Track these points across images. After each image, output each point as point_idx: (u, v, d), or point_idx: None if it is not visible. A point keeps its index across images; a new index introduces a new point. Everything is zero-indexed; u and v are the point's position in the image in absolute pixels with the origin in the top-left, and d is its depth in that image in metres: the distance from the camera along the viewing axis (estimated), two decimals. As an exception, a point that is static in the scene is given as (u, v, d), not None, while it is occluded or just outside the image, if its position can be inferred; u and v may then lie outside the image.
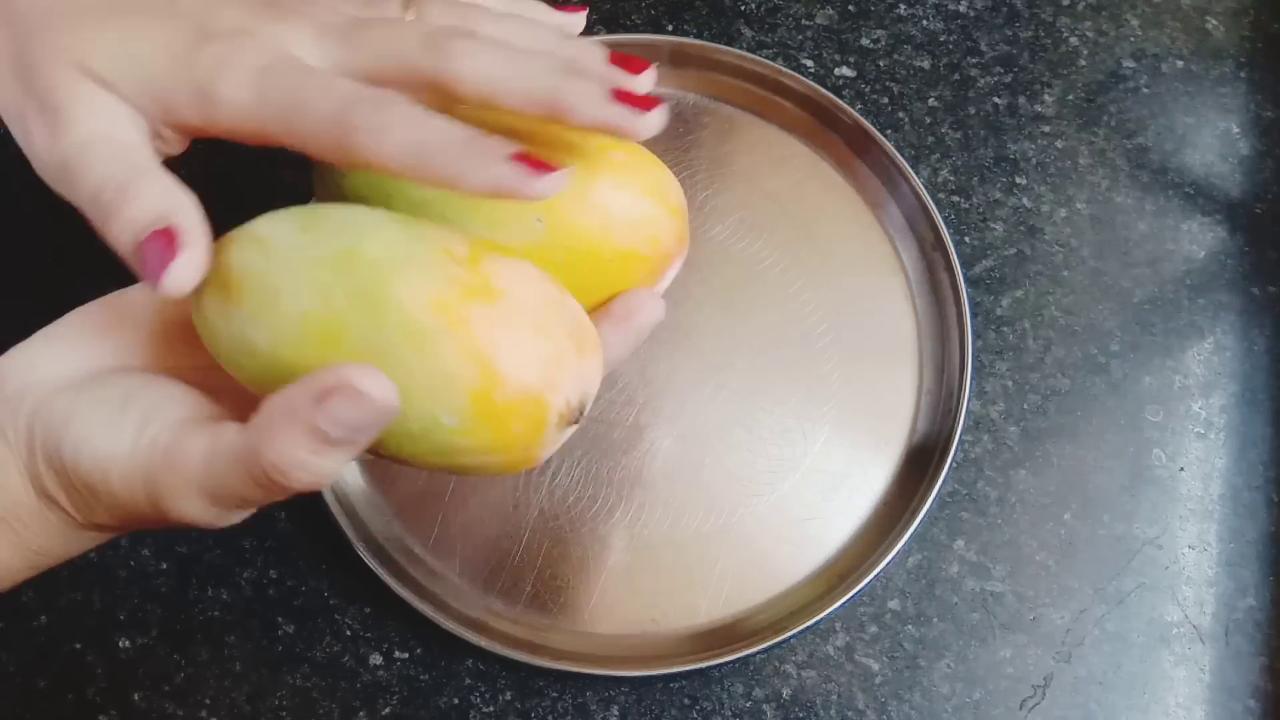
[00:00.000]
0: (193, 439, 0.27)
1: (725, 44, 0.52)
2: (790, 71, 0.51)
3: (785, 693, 0.42)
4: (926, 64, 0.54)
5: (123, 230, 0.29)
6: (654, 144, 0.52)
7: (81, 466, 0.28)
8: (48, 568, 0.31)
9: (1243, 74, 0.54)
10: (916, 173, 0.49)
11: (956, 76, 0.53)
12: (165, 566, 0.44)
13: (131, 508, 0.28)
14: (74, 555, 0.31)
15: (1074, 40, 0.54)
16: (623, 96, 0.29)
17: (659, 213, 0.32)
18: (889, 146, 0.49)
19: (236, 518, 0.29)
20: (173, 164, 0.32)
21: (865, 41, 0.54)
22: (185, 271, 0.28)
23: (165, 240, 0.28)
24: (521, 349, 0.27)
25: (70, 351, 0.31)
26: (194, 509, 0.27)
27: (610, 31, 0.54)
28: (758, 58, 0.51)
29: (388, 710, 0.42)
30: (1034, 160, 0.51)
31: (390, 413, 0.25)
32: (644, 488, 0.45)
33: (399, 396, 0.25)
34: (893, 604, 0.43)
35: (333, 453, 0.26)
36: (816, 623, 0.42)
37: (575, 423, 0.29)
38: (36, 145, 0.30)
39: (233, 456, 0.26)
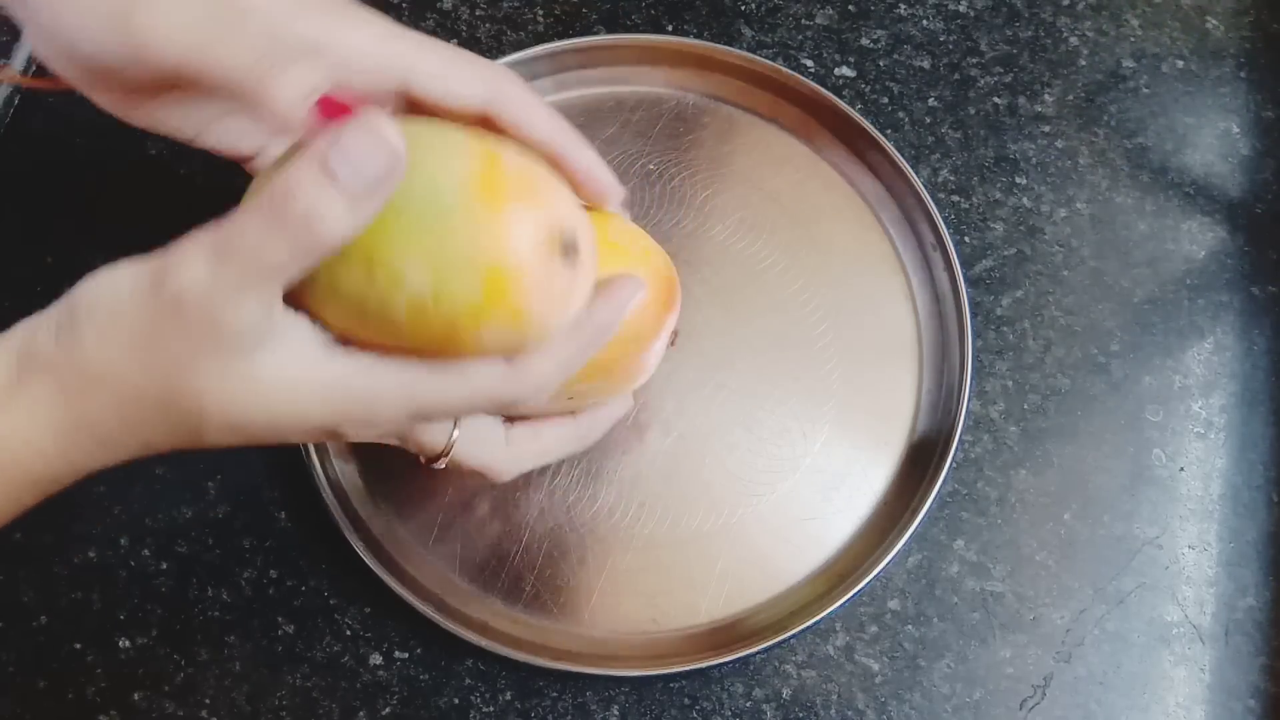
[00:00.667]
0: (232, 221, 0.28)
1: (725, 44, 0.52)
2: (790, 71, 0.51)
3: (785, 693, 0.42)
4: (926, 64, 0.54)
5: None
6: (655, 143, 0.52)
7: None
8: (41, 497, 0.30)
9: (1243, 74, 0.54)
10: (916, 173, 0.49)
11: (956, 76, 0.53)
12: (165, 566, 0.44)
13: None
14: (67, 480, 0.30)
15: (1074, 40, 0.54)
16: None
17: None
18: (889, 146, 0.49)
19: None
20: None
21: (865, 41, 0.54)
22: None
23: None
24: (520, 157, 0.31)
25: None
26: (231, 305, 0.28)
27: (610, 31, 0.54)
28: (758, 58, 0.51)
29: (388, 710, 0.42)
30: (1034, 160, 0.51)
31: (399, 160, 0.27)
32: (644, 488, 0.45)
33: (406, 149, 0.27)
34: (893, 604, 0.43)
35: (343, 199, 0.27)
36: (816, 623, 0.42)
37: (570, 252, 0.31)
38: None
39: (254, 213, 0.27)
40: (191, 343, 0.28)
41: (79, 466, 0.30)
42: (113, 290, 0.29)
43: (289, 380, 0.29)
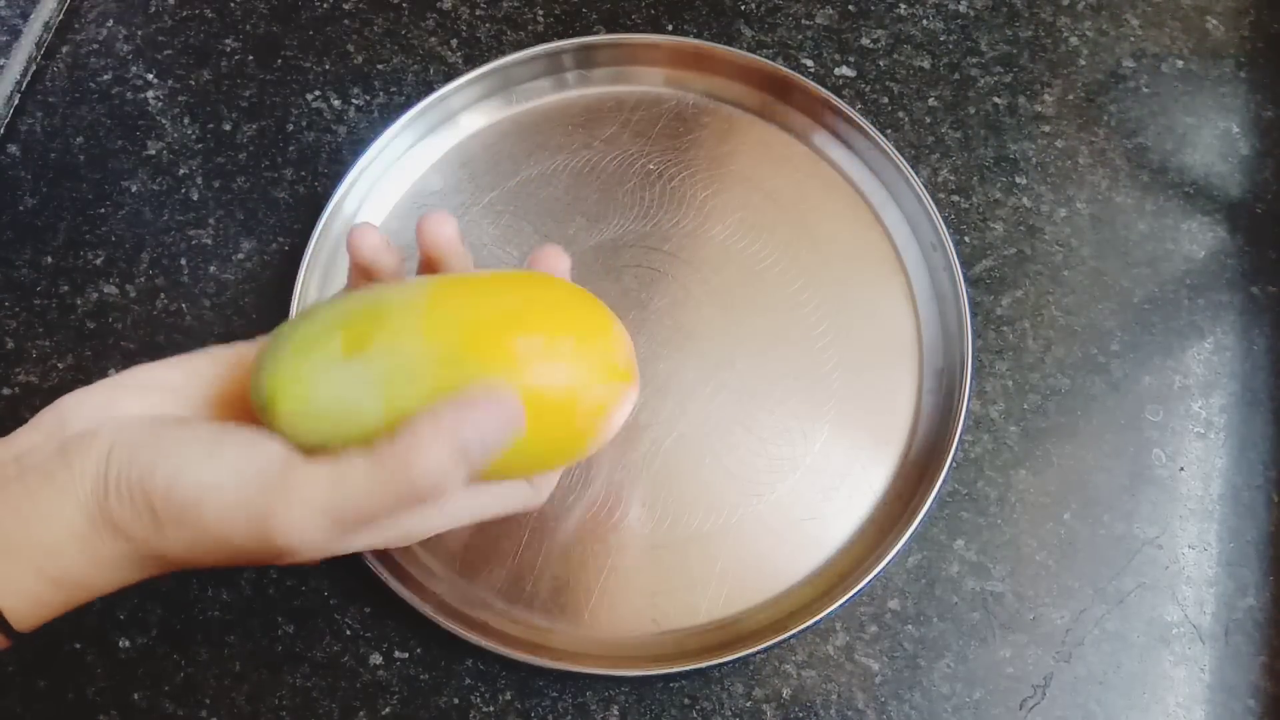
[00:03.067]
0: (312, 467, 0.30)
1: (725, 44, 0.52)
2: (790, 71, 0.51)
3: (785, 693, 0.42)
4: (926, 64, 0.54)
5: None
6: (655, 143, 0.52)
7: (176, 492, 0.30)
8: (81, 603, 0.32)
9: (1243, 74, 0.54)
10: (916, 173, 0.49)
11: (956, 76, 0.53)
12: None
13: (217, 531, 0.30)
14: (111, 590, 0.32)
15: (1074, 40, 0.54)
16: None
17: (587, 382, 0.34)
18: (889, 146, 0.49)
19: (342, 545, 0.31)
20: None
21: (865, 41, 0.54)
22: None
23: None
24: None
25: (141, 400, 0.33)
26: (313, 527, 0.30)
27: (610, 31, 0.54)
28: (758, 58, 0.51)
29: (388, 710, 0.42)
30: (1034, 160, 0.51)
31: (519, 428, 0.30)
32: (644, 488, 0.45)
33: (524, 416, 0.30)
34: (893, 604, 0.43)
35: (466, 467, 0.30)
36: (816, 623, 0.42)
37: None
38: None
39: (372, 477, 0.29)
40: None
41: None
42: (197, 501, 0.30)
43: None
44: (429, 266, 0.37)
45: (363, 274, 0.36)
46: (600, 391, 0.33)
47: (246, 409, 0.33)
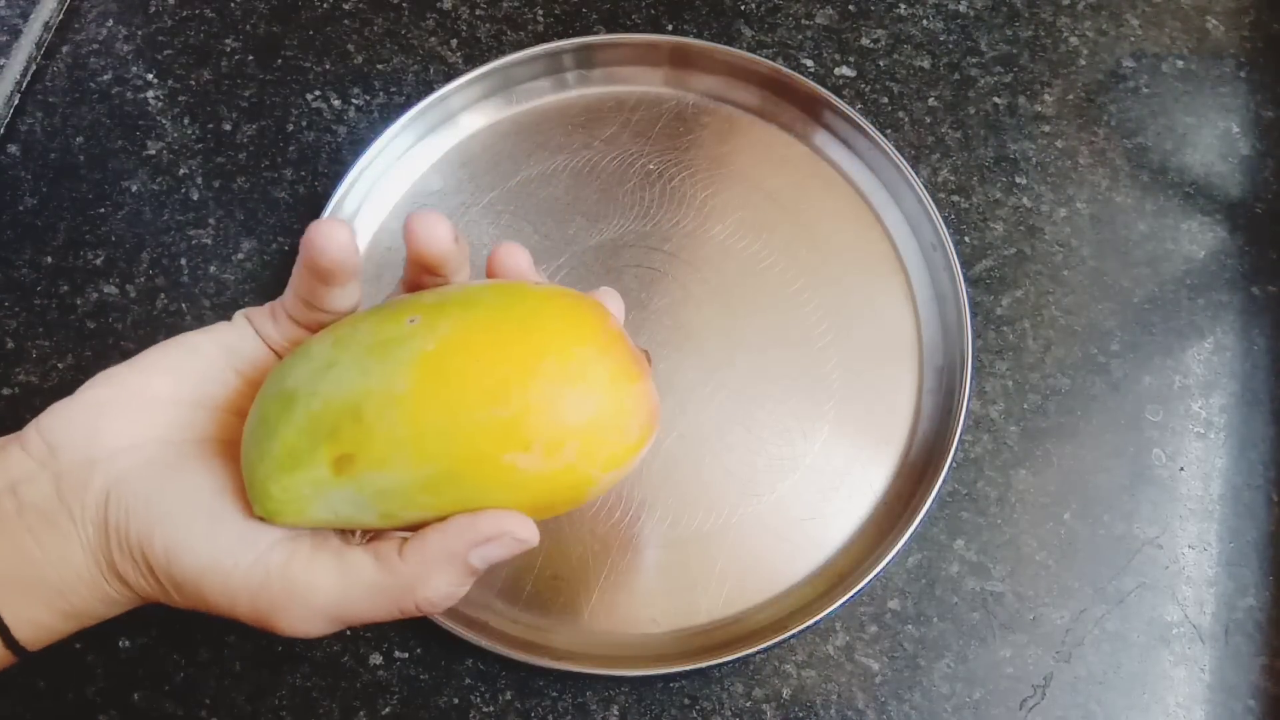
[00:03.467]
0: (319, 568, 0.30)
1: (725, 44, 0.52)
2: (790, 71, 0.51)
3: (785, 693, 0.42)
4: (926, 64, 0.54)
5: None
6: (655, 143, 0.52)
7: (175, 569, 0.29)
8: (90, 625, 0.32)
9: (1243, 74, 0.54)
10: (916, 173, 0.49)
11: (956, 76, 0.53)
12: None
13: (218, 606, 0.30)
14: (115, 615, 0.32)
15: (1074, 40, 0.54)
16: None
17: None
18: (889, 146, 0.49)
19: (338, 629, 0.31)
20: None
21: (865, 41, 0.54)
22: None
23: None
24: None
25: (130, 422, 0.31)
26: (313, 627, 0.30)
27: (610, 31, 0.54)
28: (758, 58, 0.51)
29: (388, 710, 0.42)
30: (1034, 160, 0.51)
31: (532, 545, 0.30)
32: (644, 488, 0.45)
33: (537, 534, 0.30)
34: (893, 604, 0.43)
35: (471, 581, 0.30)
36: (816, 623, 0.42)
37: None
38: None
39: (376, 590, 0.29)
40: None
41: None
42: (197, 580, 0.30)
43: None
44: (418, 272, 0.33)
45: (321, 278, 0.32)
46: (616, 471, 0.32)
47: (240, 408, 0.33)
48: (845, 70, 0.53)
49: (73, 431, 0.31)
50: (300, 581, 0.29)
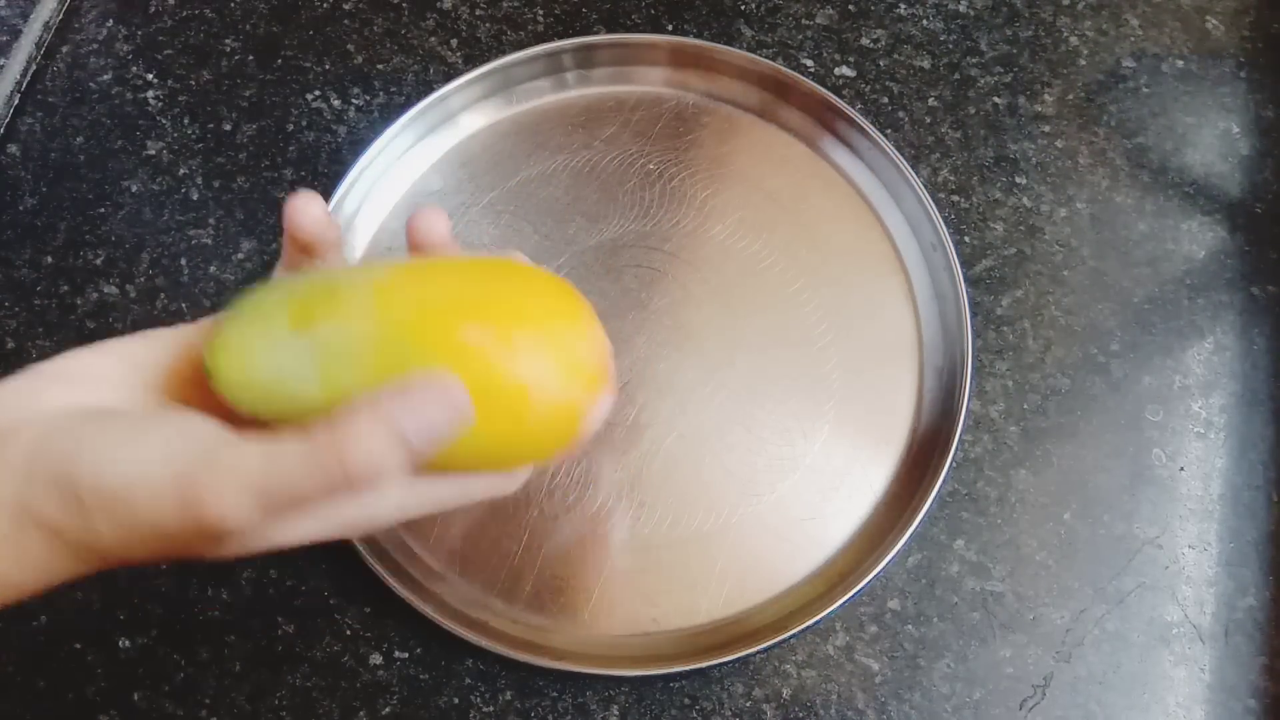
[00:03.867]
0: (244, 445, 0.28)
1: (725, 44, 0.52)
2: (790, 71, 0.51)
3: (785, 693, 0.42)
4: (926, 64, 0.54)
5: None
6: (655, 143, 0.52)
7: (104, 479, 0.28)
8: (11, 602, 0.31)
9: (1243, 74, 0.54)
10: (916, 173, 0.49)
11: (956, 76, 0.53)
12: (165, 566, 0.43)
13: (148, 518, 0.28)
14: (40, 590, 0.31)
15: (1074, 40, 0.54)
16: None
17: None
18: (889, 146, 0.49)
19: (278, 533, 0.30)
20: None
21: (865, 41, 0.54)
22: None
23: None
24: None
25: (69, 391, 0.31)
26: (241, 507, 0.28)
27: (610, 31, 0.54)
28: (758, 58, 0.51)
29: (388, 710, 0.42)
30: (1034, 160, 0.51)
31: (467, 420, 0.28)
32: (644, 488, 0.45)
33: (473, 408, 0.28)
34: (893, 604, 0.43)
35: (404, 458, 0.28)
36: (816, 623, 0.42)
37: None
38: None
39: (304, 456, 0.27)
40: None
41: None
42: (126, 488, 0.29)
43: None
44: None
45: (302, 249, 0.33)
46: (558, 389, 0.31)
47: (191, 393, 0.32)
48: (845, 70, 0.53)
49: (6, 402, 0.30)
50: (226, 457, 0.28)
